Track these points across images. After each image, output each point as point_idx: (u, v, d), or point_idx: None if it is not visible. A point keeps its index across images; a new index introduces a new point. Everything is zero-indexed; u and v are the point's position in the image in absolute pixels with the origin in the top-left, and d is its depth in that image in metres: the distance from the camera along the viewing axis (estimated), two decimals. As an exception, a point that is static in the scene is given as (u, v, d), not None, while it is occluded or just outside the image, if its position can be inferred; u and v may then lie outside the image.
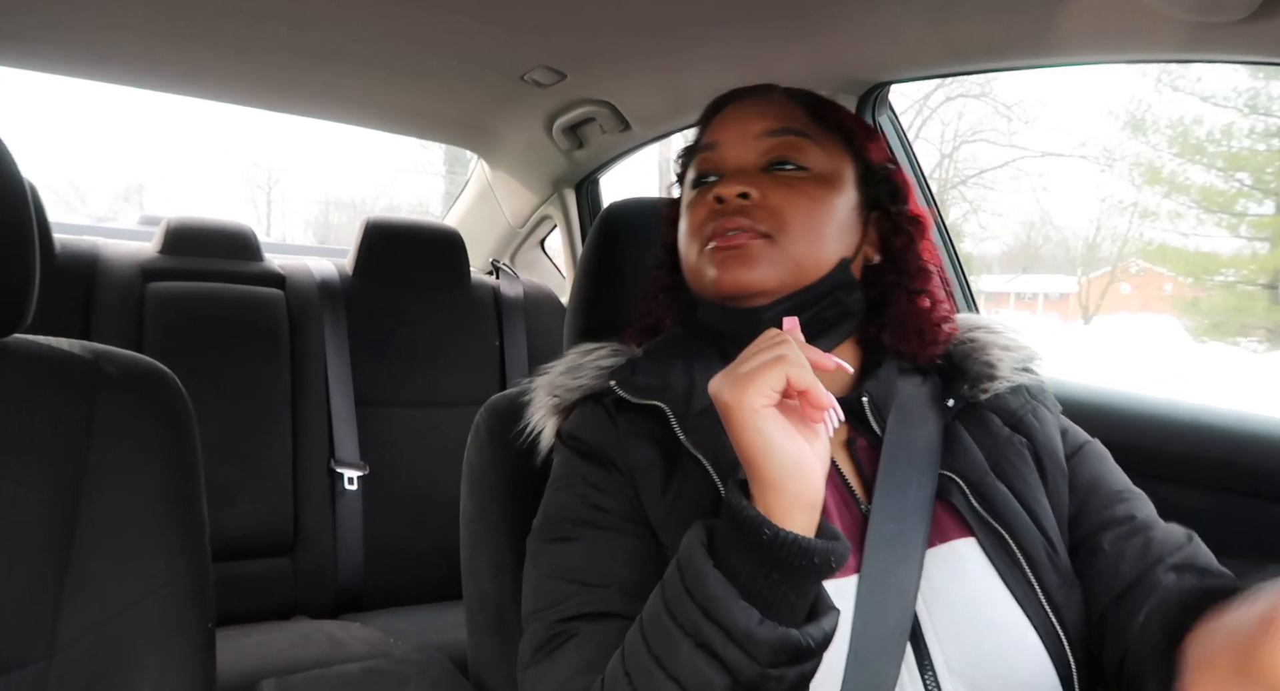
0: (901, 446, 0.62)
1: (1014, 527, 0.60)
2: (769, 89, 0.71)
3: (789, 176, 0.64)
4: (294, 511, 1.48)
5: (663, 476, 0.60)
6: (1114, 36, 0.87)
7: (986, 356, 0.68)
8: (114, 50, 1.31)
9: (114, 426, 0.65)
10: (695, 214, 0.66)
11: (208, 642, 0.66)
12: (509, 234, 1.98)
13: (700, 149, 0.69)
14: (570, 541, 0.59)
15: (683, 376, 0.64)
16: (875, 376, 0.65)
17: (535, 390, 0.72)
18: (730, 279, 0.62)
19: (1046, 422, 0.67)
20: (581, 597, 0.56)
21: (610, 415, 0.64)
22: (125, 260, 1.51)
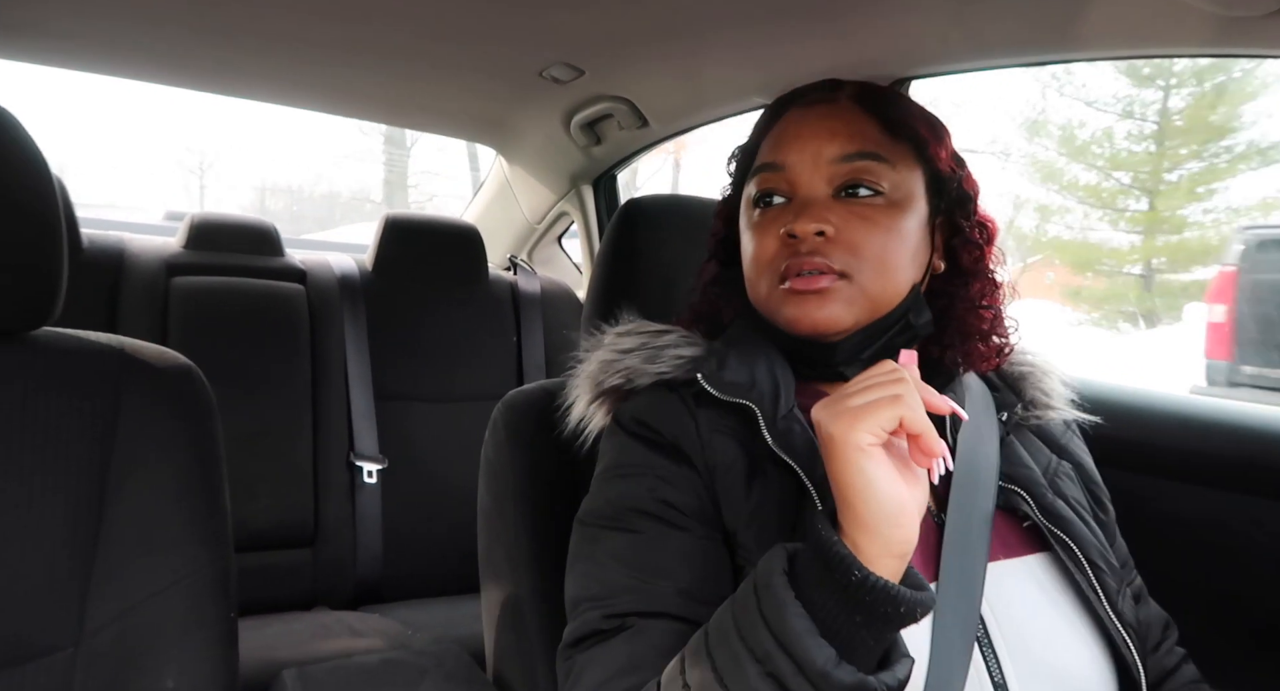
0: (971, 459, 0.62)
1: (1080, 541, 0.61)
2: (835, 88, 0.66)
3: (863, 206, 0.61)
4: (314, 504, 1.50)
5: (745, 478, 0.58)
6: (1140, 30, 0.86)
7: (1044, 385, 0.71)
8: (129, 46, 1.32)
9: (139, 418, 0.66)
10: (764, 244, 0.63)
11: (231, 632, 0.68)
12: (527, 230, 1.99)
13: (765, 168, 0.64)
14: (631, 533, 0.57)
15: (767, 377, 0.63)
16: (951, 389, 0.66)
17: (588, 363, 0.69)
18: (809, 322, 0.60)
19: (1087, 455, 0.71)
20: (637, 594, 0.55)
21: (689, 407, 0.62)
22: (150, 255, 1.54)
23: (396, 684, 0.82)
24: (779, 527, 0.56)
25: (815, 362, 0.64)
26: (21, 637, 0.61)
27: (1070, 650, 0.58)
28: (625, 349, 0.67)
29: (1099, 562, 0.61)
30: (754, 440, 0.60)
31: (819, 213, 0.60)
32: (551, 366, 1.74)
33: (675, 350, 0.66)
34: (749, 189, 0.66)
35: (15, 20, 1.20)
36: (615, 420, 0.65)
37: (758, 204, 0.65)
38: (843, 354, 0.62)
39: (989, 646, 0.56)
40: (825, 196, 0.62)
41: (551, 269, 2.05)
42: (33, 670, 0.61)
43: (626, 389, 0.66)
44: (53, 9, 1.17)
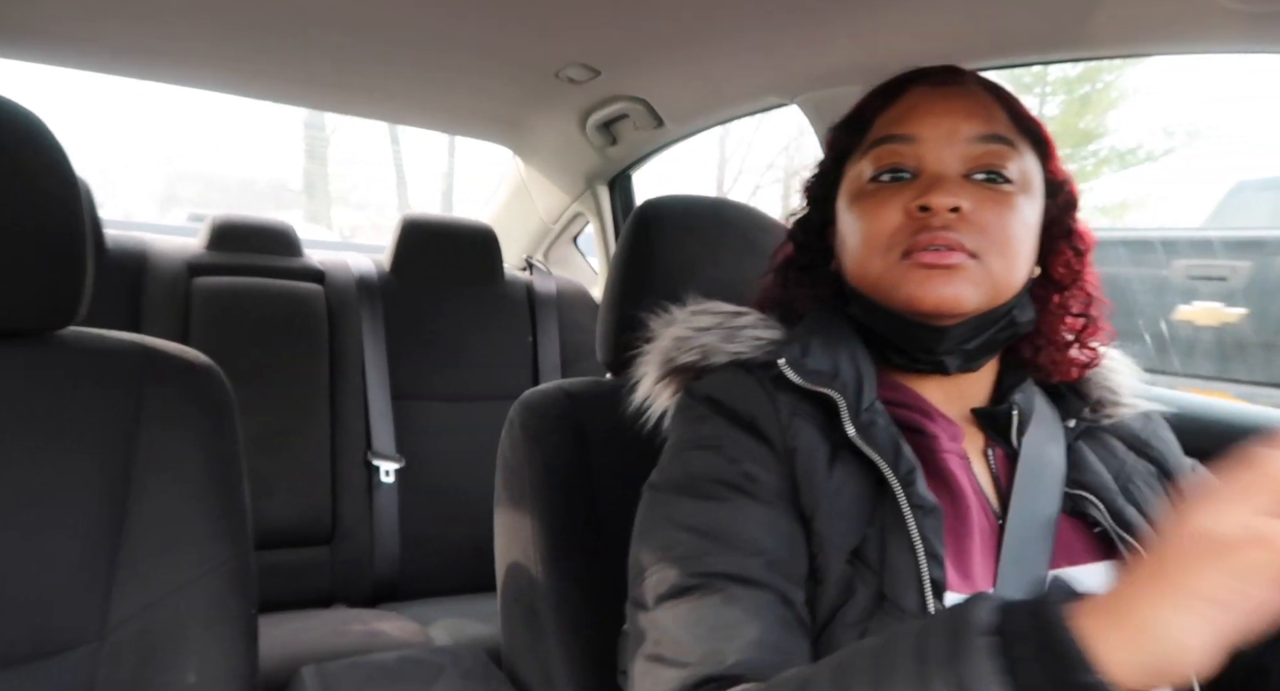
0: (1037, 462, 0.61)
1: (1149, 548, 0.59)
2: (959, 74, 0.64)
3: (994, 189, 0.59)
4: (332, 502, 1.51)
5: (825, 465, 0.57)
6: (1165, 27, 0.85)
7: (1109, 382, 0.68)
8: (144, 47, 1.34)
9: (162, 416, 0.67)
10: (885, 216, 0.60)
11: (250, 628, 0.68)
12: (542, 230, 2.00)
13: (891, 139, 0.61)
14: (716, 500, 0.56)
15: (851, 367, 0.61)
16: (1022, 389, 0.64)
17: (660, 340, 0.68)
18: (934, 298, 0.57)
19: (1173, 445, 0.68)
20: (727, 557, 0.53)
21: (767, 390, 0.60)
22: (172, 256, 1.56)
23: (413, 681, 0.82)
24: (855, 519, 0.55)
25: (913, 350, 0.62)
26: (47, 631, 0.62)
27: None
28: (701, 326, 0.66)
29: None
30: (833, 429, 0.58)
31: (952, 188, 0.57)
32: (567, 366, 1.75)
33: (754, 331, 0.65)
34: (860, 166, 0.63)
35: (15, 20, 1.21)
36: (689, 395, 0.63)
37: (877, 180, 0.61)
38: (950, 341, 0.60)
39: None
40: (956, 175, 0.59)
41: (567, 269, 2.06)
42: (58, 663, 0.62)
43: (700, 366, 0.65)
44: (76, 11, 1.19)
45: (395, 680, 0.82)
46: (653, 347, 0.68)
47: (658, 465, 0.62)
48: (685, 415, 0.63)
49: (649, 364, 0.68)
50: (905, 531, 0.54)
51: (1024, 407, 0.63)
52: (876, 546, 0.54)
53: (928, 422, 0.61)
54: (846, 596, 0.54)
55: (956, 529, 0.58)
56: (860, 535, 0.55)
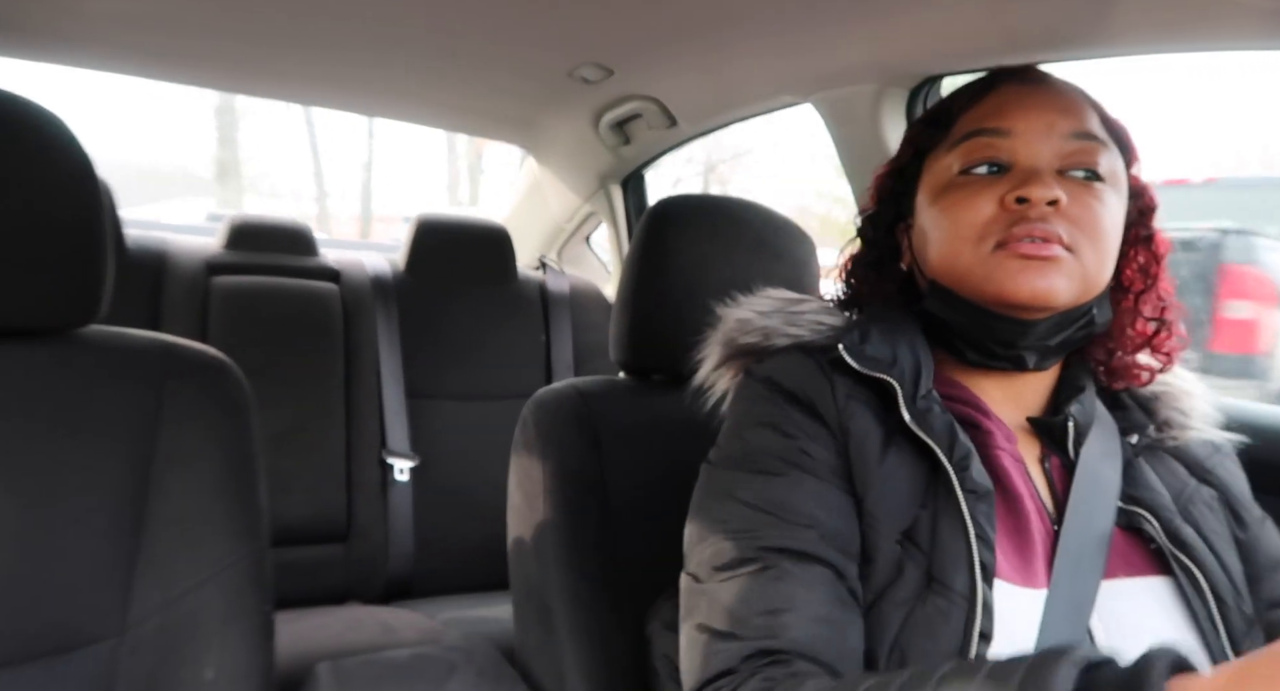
0: (1094, 473, 0.61)
1: (1207, 570, 0.59)
2: (1045, 73, 0.65)
3: (1087, 185, 0.59)
4: (347, 500, 1.52)
5: (880, 448, 0.58)
6: (1184, 25, 0.83)
7: (1181, 405, 0.68)
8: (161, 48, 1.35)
9: (181, 414, 0.68)
10: (978, 207, 0.59)
11: (267, 624, 0.69)
12: (555, 230, 2.00)
13: (984, 132, 0.61)
14: (774, 475, 0.57)
15: (909, 356, 0.61)
16: (1080, 400, 0.64)
17: (725, 323, 0.69)
18: (1030, 288, 0.56)
19: (1238, 478, 0.67)
20: (783, 531, 0.54)
21: (825, 373, 0.61)
22: (191, 255, 1.57)
23: (427, 678, 0.83)
24: (907, 502, 0.56)
25: (992, 344, 0.61)
26: (68, 626, 0.63)
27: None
28: (762, 310, 0.68)
29: (1225, 597, 0.58)
30: (889, 416, 0.59)
31: (1050, 181, 0.57)
32: (580, 365, 1.75)
33: (815, 317, 0.67)
34: (947, 159, 0.62)
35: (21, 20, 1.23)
36: (749, 376, 0.64)
37: (968, 172, 0.61)
38: (1034, 336, 0.60)
39: None
40: (1049, 169, 0.59)
41: (580, 268, 2.06)
42: (79, 658, 0.63)
43: (762, 348, 0.66)
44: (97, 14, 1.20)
45: (409, 677, 0.82)
46: (715, 332, 0.69)
47: (716, 444, 0.63)
48: (744, 394, 0.64)
49: (711, 346, 0.69)
50: (957, 514, 0.54)
51: (1080, 419, 0.63)
52: (928, 528, 0.55)
53: (984, 419, 0.61)
54: (895, 576, 0.54)
55: (1012, 522, 0.58)
56: (912, 517, 0.56)
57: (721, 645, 0.52)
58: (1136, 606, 0.58)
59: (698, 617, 0.55)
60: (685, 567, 0.59)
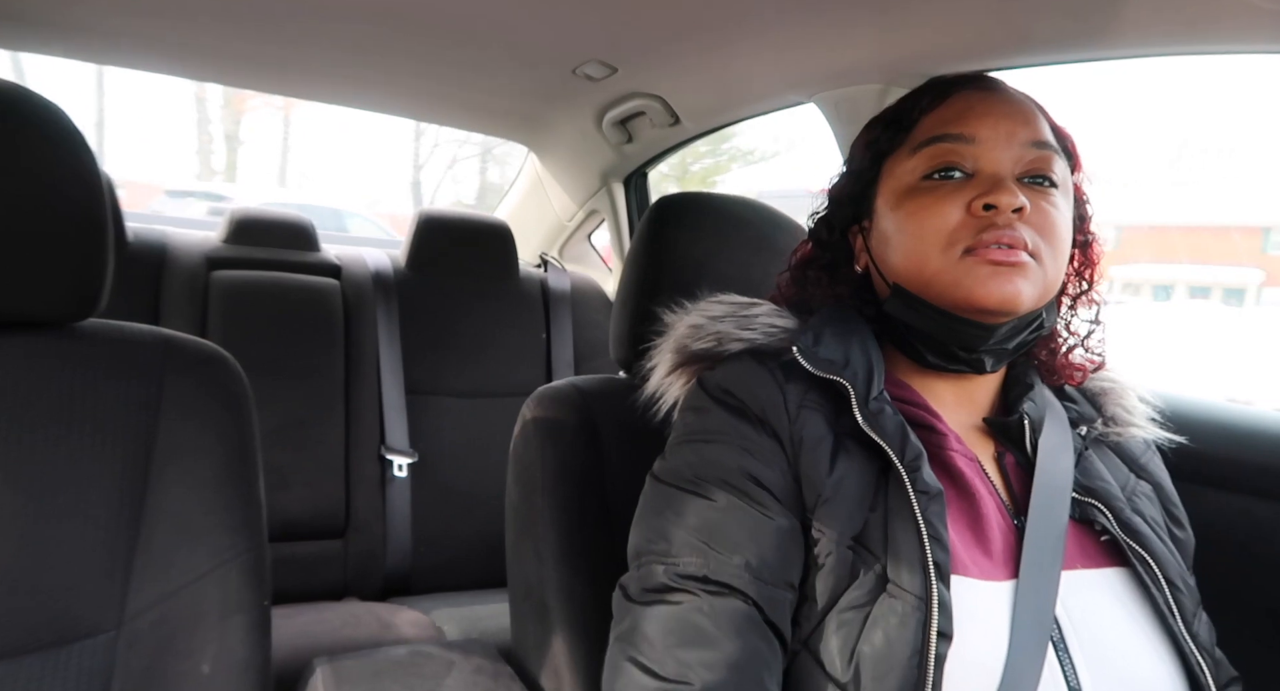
0: (1050, 470, 0.62)
1: (1159, 559, 0.61)
2: (999, 82, 0.66)
3: (1045, 192, 0.61)
4: (346, 496, 1.52)
5: (830, 455, 0.58)
6: (1193, 27, 0.83)
7: (1124, 402, 0.70)
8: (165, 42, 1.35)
9: (180, 408, 0.68)
10: (944, 213, 0.60)
11: (264, 619, 0.69)
12: (557, 227, 2.00)
13: (947, 138, 0.61)
14: (709, 499, 0.57)
15: (862, 358, 0.62)
16: (1032, 398, 0.65)
17: (676, 329, 0.69)
18: (999, 294, 0.57)
19: (1166, 475, 0.70)
20: (709, 560, 0.55)
21: (778, 380, 0.61)
22: (192, 249, 1.57)
23: (424, 675, 0.82)
24: (857, 506, 0.57)
25: (954, 347, 0.62)
26: (66, 618, 0.63)
27: (1146, 664, 0.58)
28: (714, 315, 0.67)
29: (1176, 582, 0.61)
30: (840, 419, 0.59)
31: (1014, 189, 0.58)
32: (581, 363, 1.75)
33: (768, 320, 0.66)
34: (909, 163, 0.63)
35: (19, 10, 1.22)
36: (701, 386, 0.64)
37: (931, 178, 0.62)
38: (996, 339, 0.61)
39: (1065, 651, 0.56)
40: (1009, 176, 0.60)
41: (582, 266, 2.06)
42: (76, 650, 0.63)
43: (715, 354, 0.66)
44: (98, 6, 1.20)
45: (406, 674, 0.82)
46: (666, 339, 0.69)
47: (663, 453, 0.63)
48: (694, 404, 0.63)
49: (662, 353, 0.69)
50: (909, 515, 0.55)
51: (1034, 416, 0.64)
52: (880, 531, 0.56)
53: (935, 421, 0.62)
54: (849, 580, 0.55)
55: (971, 520, 0.59)
56: (862, 521, 0.56)
57: (642, 679, 0.53)
58: (1097, 597, 0.59)
59: (623, 641, 0.56)
60: (622, 576, 0.59)
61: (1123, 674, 0.56)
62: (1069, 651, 0.56)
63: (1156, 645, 0.59)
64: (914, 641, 0.51)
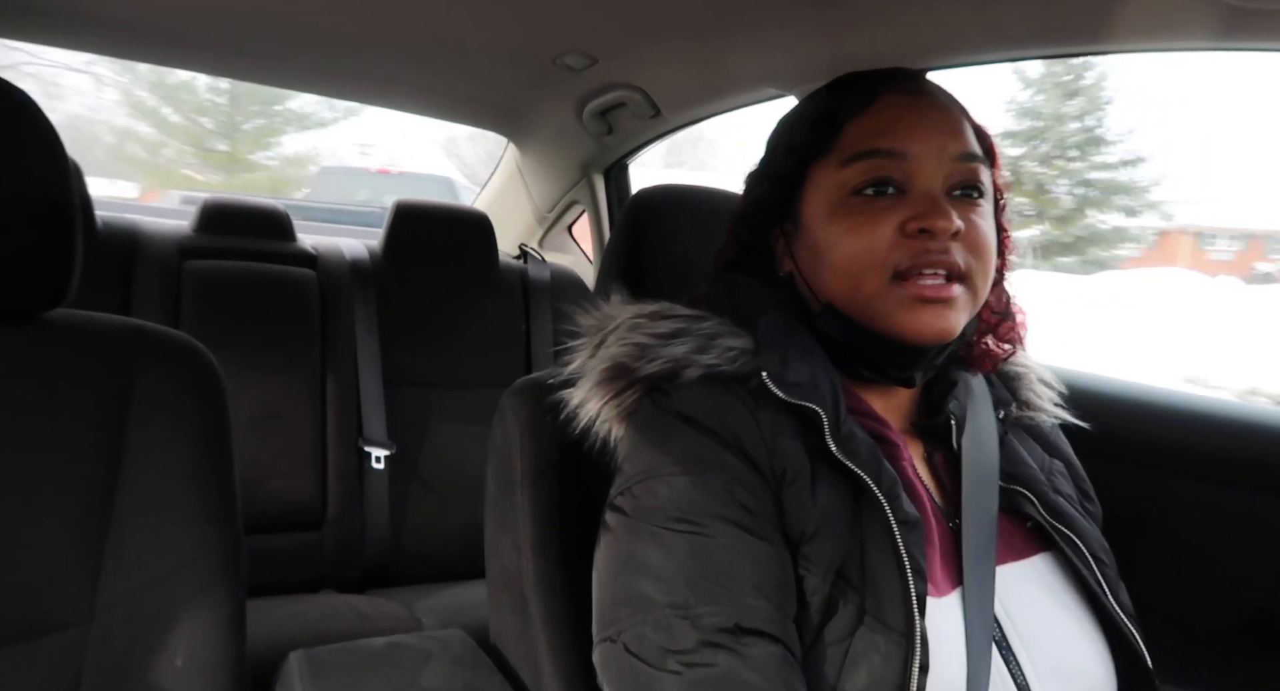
0: (978, 463, 0.62)
1: (1083, 536, 0.62)
2: (923, 80, 0.64)
3: (974, 204, 0.60)
4: (323, 488, 1.51)
5: (810, 485, 0.55)
6: (1164, 23, 0.85)
7: (1035, 387, 0.72)
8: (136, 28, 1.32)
9: (152, 399, 0.67)
10: (878, 234, 0.58)
11: (239, 612, 0.68)
12: (537, 218, 1.99)
13: (879, 153, 0.59)
14: (710, 537, 0.52)
15: (825, 377, 0.59)
16: (955, 396, 0.66)
17: (610, 346, 0.63)
18: (932, 332, 0.57)
19: (1072, 452, 0.73)
20: (733, 606, 0.50)
21: (748, 407, 0.57)
22: (164, 238, 1.55)
23: (402, 667, 0.82)
24: (840, 536, 0.54)
25: (885, 366, 0.62)
26: (35, 613, 0.62)
27: (1080, 647, 0.59)
28: (662, 333, 0.61)
29: (1100, 556, 0.62)
30: (811, 443, 0.57)
31: (947, 210, 0.57)
32: (561, 355, 1.75)
33: (724, 340, 0.61)
34: (839, 174, 0.60)
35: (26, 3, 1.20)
36: (662, 411, 0.58)
37: (862, 193, 0.59)
38: (928, 360, 0.61)
39: (1008, 649, 0.57)
40: (940, 191, 0.59)
41: (562, 258, 2.05)
42: (46, 646, 0.62)
43: (669, 378, 0.60)
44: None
45: (384, 665, 0.82)
46: (592, 349, 0.64)
47: (624, 485, 0.57)
48: (657, 432, 0.58)
49: (594, 371, 0.63)
50: (889, 547, 0.53)
51: (958, 414, 0.65)
52: (857, 562, 0.54)
53: (887, 431, 0.62)
54: (830, 614, 0.53)
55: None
56: (844, 551, 0.54)
57: None
58: (1028, 589, 0.60)
59: None
60: (607, 635, 0.54)
61: (1061, 661, 0.57)
62: (1011, 649, 0.56)
63: (1087, 625, 0.60)
64: (898, 679, 0.50)
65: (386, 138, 14.49)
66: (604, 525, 0.59)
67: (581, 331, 0.67)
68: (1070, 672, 0.58)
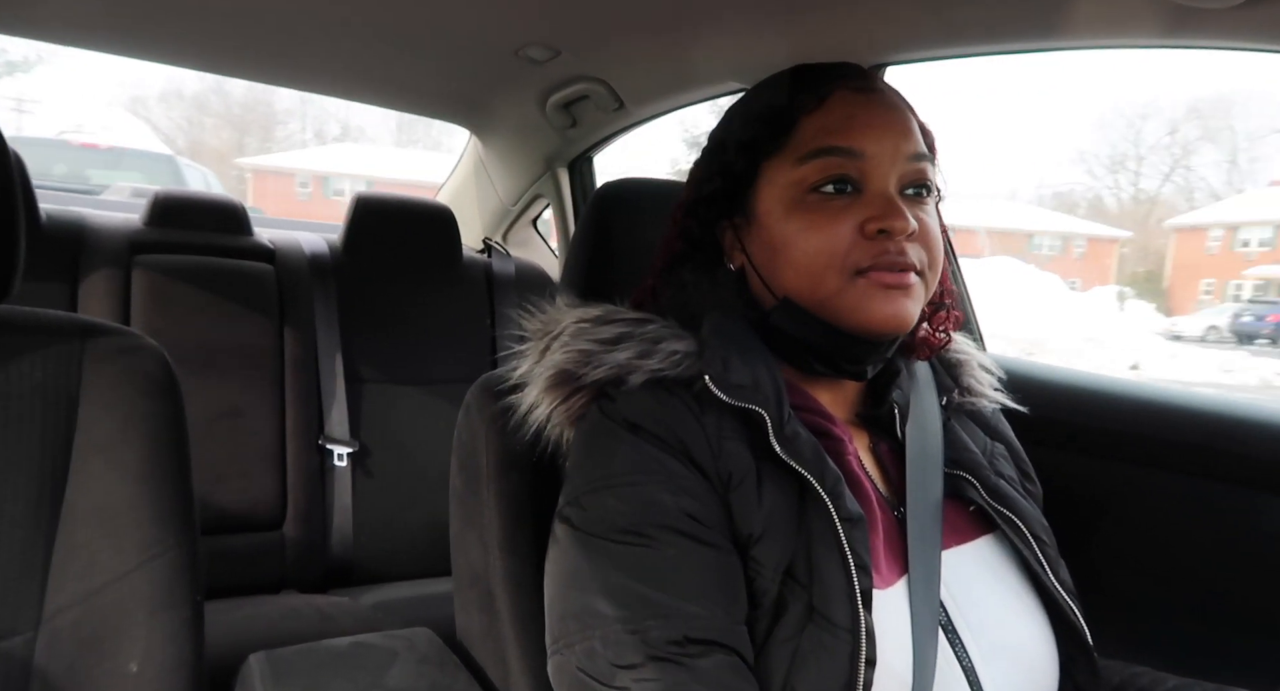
0: (922, 451, 0.64)
1: (1025, 517, 0.64)
2: (874, 78, 0.64)
3: (924, 202, 0.62)
4: (283, 487, 1.48)
5: (756, 487, 0.56)
6: (1110, 21, 0.87)
7: (976, 374, 0.74)
8: (97, 17, 1.28)
9: (101, 399, 0.65)
10: (837, 233, 0.59)
11: (196, 615, 0.67)
12: (501, 212, 1.97)
13: (836, 152, 0.60)
14: (656, 549, 0.53)
15: (769, 378, 0.59)
16: (898, 385, 0.67)
17: (554, 352, 0.63)
18: (894, 319, 0.58)
19: (1013, 435, 0.75)
20: (681, 618, 0.51)
21: (692, 412, 0.58)
22: (112, 232, 1.50)
23: (367, 667, 0.81)
24: (787, 536, 0.55)
25: (839, 359, 0.63)
26: None
27: (1023, 627, 0.61)
28: (606, 339, 0.61)
29: (1041, 535, 0.64)
30: (756, 444, 0.57)
31: (903, 209, 0.58)
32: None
33: (668, 344, 0.61)
34: (795, 172, 0.61)
35: None
36: (608, 418, 0.59)
37: (819, 190, 0.60)
38: (880, 352, 0.63)
39: (954, 632, 0.58)
40: (894, 191, 0.60)
41: (527, 252, 2.04)
42: None
43: (614, 383, 0.60)
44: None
45: (348, 666, 0.81)
46: (536, 355, 0.64)
47: (572, 495, 0.58)
48: (604, 442, 0.58)
49: (539, 377, 0.63)
50: (834, 543, 0.54)
51: (902, 403, 0.66)
52: (804, 559, 0.54)
53: (832, 426, 0.63)
54: (780, 614, 0.53)
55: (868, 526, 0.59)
56: (791, 551, 0.55)
57: None
58: (972, 570, 0.61)
59: None
60: (558, 649, 0.54)
61: (1006, 642, 0.59)
62: (957, 632, 0.58)
63: (1030, 604, 0.62)
64: (844, 674, 0.51)
65: (53, 96, 12.85)
66: (553, 536, 0.59)
67: (527, 335, 0.67)
68: (1014, 651, 0.59)
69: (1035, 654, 0.60)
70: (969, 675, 0.57)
